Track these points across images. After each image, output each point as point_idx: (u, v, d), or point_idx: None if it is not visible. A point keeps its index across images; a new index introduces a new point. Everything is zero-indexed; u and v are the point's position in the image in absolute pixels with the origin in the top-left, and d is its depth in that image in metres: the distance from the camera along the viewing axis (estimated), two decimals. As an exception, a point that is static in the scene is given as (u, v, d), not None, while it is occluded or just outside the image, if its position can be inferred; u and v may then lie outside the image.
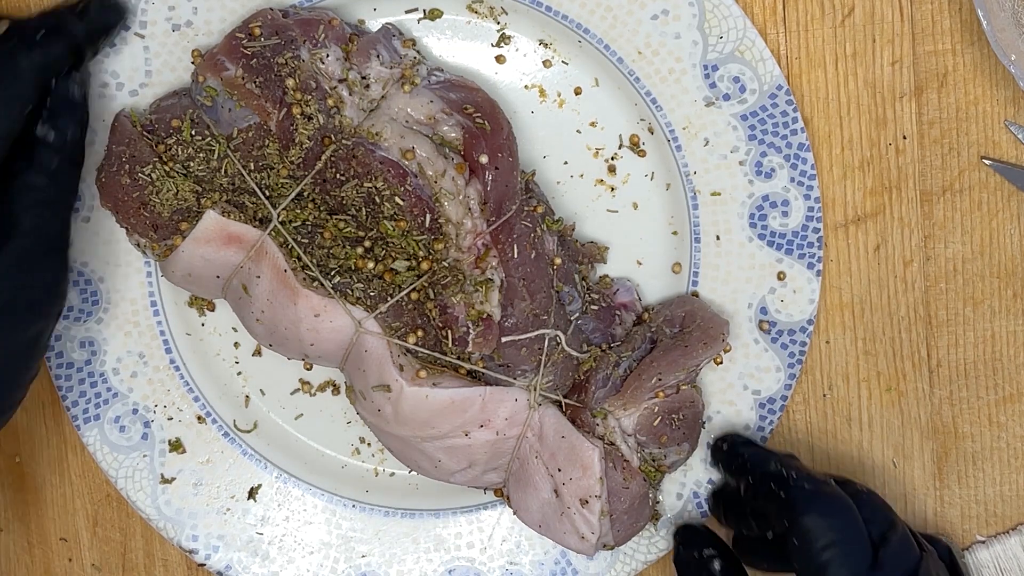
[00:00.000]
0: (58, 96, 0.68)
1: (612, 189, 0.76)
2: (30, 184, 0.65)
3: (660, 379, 0.72)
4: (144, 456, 0.77)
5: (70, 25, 0.68)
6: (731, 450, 0.73)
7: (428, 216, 0.69)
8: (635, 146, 0.75)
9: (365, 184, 0.69)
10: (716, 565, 0.71)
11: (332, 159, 0.69)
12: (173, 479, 0.77)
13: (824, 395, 0.76)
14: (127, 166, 0.70)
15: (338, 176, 0.69)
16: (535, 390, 0.72)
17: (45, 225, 0.65)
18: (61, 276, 0.67)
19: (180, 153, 0.70)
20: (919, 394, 0.76)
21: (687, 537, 0.74)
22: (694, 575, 0.72)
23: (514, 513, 0.74)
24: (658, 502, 0.75)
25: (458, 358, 0.71)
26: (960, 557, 0.70)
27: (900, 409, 0.77)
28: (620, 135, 0.75)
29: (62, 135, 0.67)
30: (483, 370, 0.71)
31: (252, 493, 0.77)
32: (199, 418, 0.77)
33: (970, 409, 0.77)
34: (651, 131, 0.75)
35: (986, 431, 0.77)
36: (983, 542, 0.77)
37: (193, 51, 0.72)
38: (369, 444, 0.78)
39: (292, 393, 0.78)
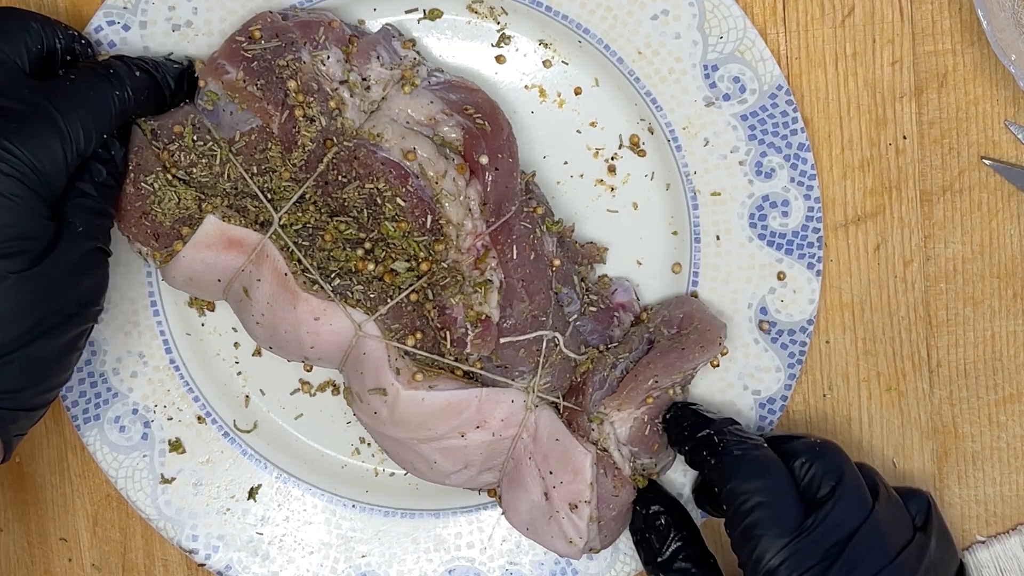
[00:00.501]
0: None
1: (612, 189, 0.76)
2: (81, 191, 0.67)
3: (657, 381, 0.72)
4: (144, 456, 0.77)
5: (164, 79, 0.70)
6: (673, 421, 0.72)
7: (429, 217, 0.69)
8: (635, 146, 0.75)
9: (367, 185, 0.69)
10: (663, 521, 0.72)
11: (334, 161, 0.69)
12: (173, 479, 0.77)
13: (824, 395, 0.76)
14: (132, 175, 0.70)
15: (340, 178, 0.69)
16: (532, 391, 0.72)
17: (94, 230, 0.67)
18: (105, 281, 0.69)
19: (183, 159, 0.70)
20: (919, 394, 0.76)
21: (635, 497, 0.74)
22: (645, 531, 0.72)
23: (503, 514, 0.74)
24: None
25: (456, 359, 0.71)
26: (936, 508, 0.68)
27: (900, 409, 0.77)
28: (620, 135, 0.75)
29: (110, 151, 0.69)
30: (480, 371, 0.71)
31: (252, 493, 0.77)
32: (199, 418, 0.77)
33: (970, 409, 0.77)
34: (651, 131, 0.75)
35: (986, 431, 0.77)
36: (983, 542, 0.77)
37: (196, 60, 0.72)
38: (369, 444, 0.78)
39: (292, 393, 0.78)
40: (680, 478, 0.76)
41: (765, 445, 0.68)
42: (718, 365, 0.75)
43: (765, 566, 0.63)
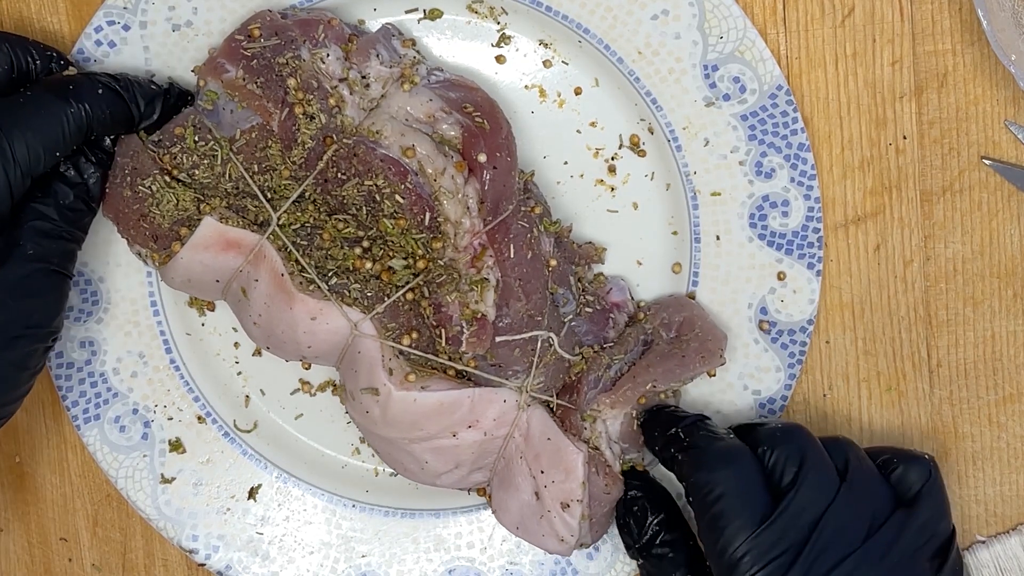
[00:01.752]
0: (92, 142, 0.69)
1: (612, 189, 0.76)
2: (39, 213, 0.66)
3: (654, 386, 0.72)
4: (144, 456, 0.77)
5: (134, 98, 0.69)
6: (646, 424, 0.72)
7: (428, 214, 0.69)
8: (635, 146, 0.75)
9: (366, 182, 0.69)
10: (639, 504, 0.71)
11: (333, 158, 0.69)
12: (173, 479, 0.77)
13: (824, 395, 0.76)
14: (129, 178, 0.70)
15: (339, 175, 0.69)
16: (525, 391, 0.72)
17: (47, 254, 0.66)
18: (59, 305, 0.68)
19: (185, 161, 0.70)
20: (919, 394, 0.76)
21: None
22: (624, 516, 0.71)
23: (493, 513, 0.74)
24: None
25: (450, 358, 0.71)
26: (937, 473, 0.66)
27: (900, 409, 0.77)
28: (620, 135, 0.75)
29: (81, 174, 0.69)
30: (474, 370, 0.71)
31: (252, 493, 0.77)
32: (199, 418, 0.77)
33: (970, 409, 0.77)
34: (651, 131, 0.75)
35: (986, 431, 0.77)
36: (983, 542, 0.77)
37: (196, 67, 0.72)
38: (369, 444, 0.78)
39: (292, 393, 0.78)
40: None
41: (732, 436, 0.67)
42: (714, 375, 0.75)
43: (729, 557, 0.62)
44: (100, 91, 0.67)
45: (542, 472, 0.71)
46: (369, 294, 0.70)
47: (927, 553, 0.64)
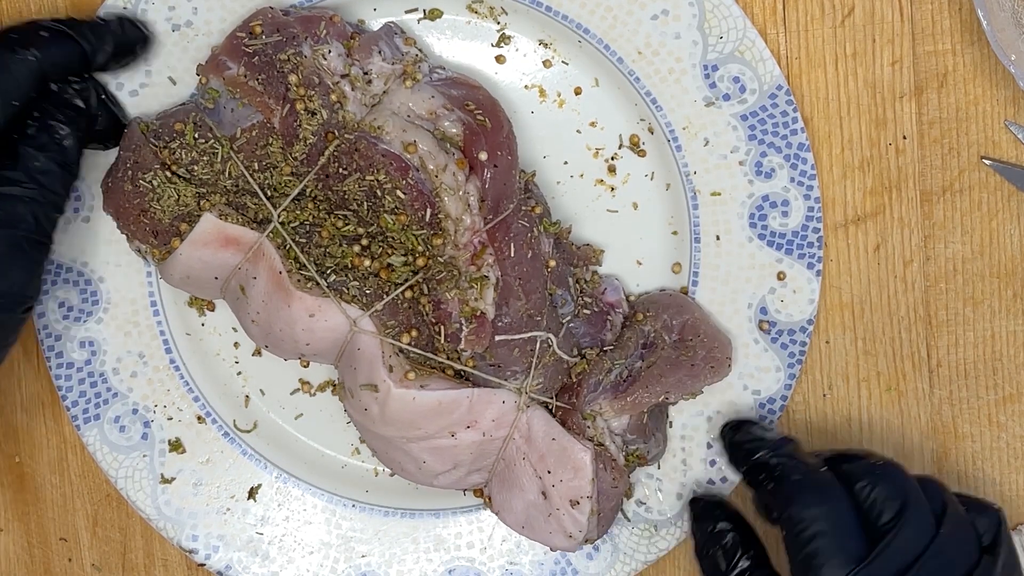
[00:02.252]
0: (57, 99, 0.68)
1: (612, 189, 0.76)
2: (4, 178, 0.65)
3: (667, 397, 0.72)
4: (144, 456, 0.77)
5: (82, 34, 0.68)
6: (732, 444, 0.71)
7: (428, 210, 0.69)
8: (635, 146, 0.75)
9: (367, 178, 0.69)
10: (730, 539, 0.69)
11: (335, 153, 0.69)
12: (173, 479, 0.77)
13: (824, 395, 0.76)
14: (130, 172, 0.70)
15: (340, 170, 0.69)
16: (524, 392, 0.72)
17: (12, 220, 0.65)
18: (28, 272, 0.66)
19: (184, 157, 0.70)
20: (919, 394, 0.76)
21: (701, 512, 0.72)
22: (709, 547, 0.69)
23: (495, 513, 0.74)
24: (631, 484, 0.75)
25: (449, 356, 0.71)
26: (1007, 526, 0.66)
27: (900, 409, 0.77)
28: (620, 135, 0.75)
29: (52, 136, 0.67)
30: (473, 370, 0.71)
31: (252, 493, 0.77)
32: (199, 418, 0.77)
33: (970, 409, 0.77)
34: (651, 131, 0.75)
35: (986, 431, 0.77)
36: (983, 542, 0.77)
37: (199, 65, 0.72)
38: (369, 444, 0.78)
39: (292, 393, 0.78)
40: (680, 477, 0.76)
41: (824, 468, 0.66)
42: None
43: None
44: (45, 34, 0.66)
45: (549, 472, 0.71)
46: (368, 292, 0.70)
47: None
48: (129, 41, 0.70)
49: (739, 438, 0.71)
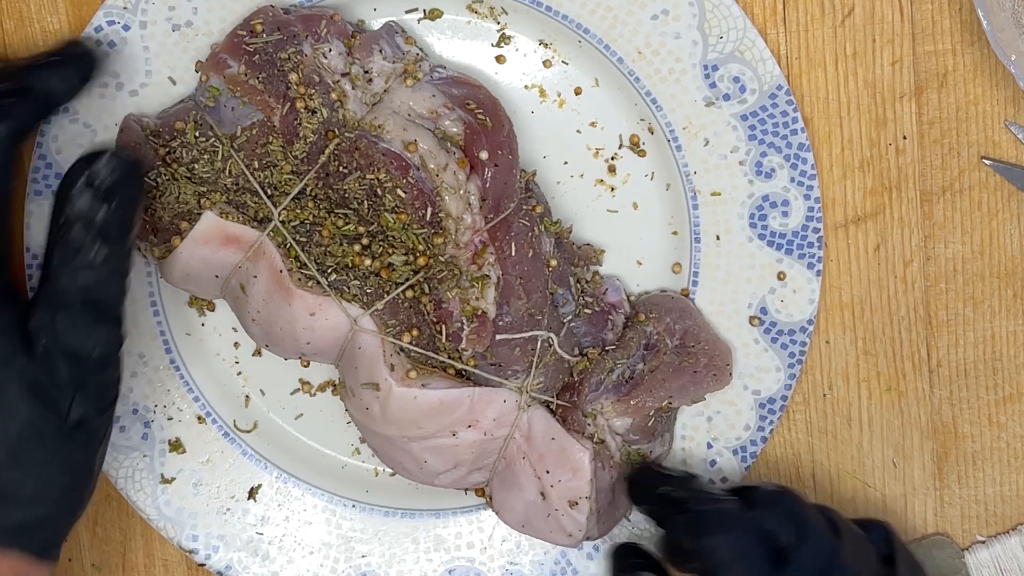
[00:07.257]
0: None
1: (612, 189, 0.76)
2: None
3: (671, 402, 0.73)
4: (144, 456, 0.77)
5: (37, 83, 0.68)
6: (633, 482, 0.72)
7: (429, 209, 0.69)
8: (635, 146, 0.75)
9: (367, 176, 0.69)
10: None
11: (335, 152, 0.69)
12: (173, 479, 0.77)
13: (824, 395, 0.76)
14: None
15: (341, 169, 0.69)
16: (525, 391, 0.72)
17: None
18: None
19: (184, 156, 0.71)
20: (919, 394, 0.76)
21: (618, 558, 0.73)
22: None
23: (496, 513, 0.74)
24: None
25: (450, 356, 0.71)
26: (898, 537, 0.68)
27: (900, 409, 0.77)
28: (620, 135, 0.75)
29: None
30: (474, 370, 0.71)
31: (252, 493, 0.77)
32: (199, 418, 0.77)
33: (970, 409, 0.77)
34: (651, 131, 0.75)
35: (986, 431, 0.77)
36: (983, 542, 0.77)
37: (197, 62, 0.72)
38: (369, 444, 0.78)
39: (292, 393, 0.78)
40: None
41: (725, 496, 0.67)
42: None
43: None
44: (7, 101, 0.66)
45: (547, 472, 0.71)
46: (368, 291, 0.70)
47: None
48: (84, 76, 0.70)
49: (642, 477, 0.72)
